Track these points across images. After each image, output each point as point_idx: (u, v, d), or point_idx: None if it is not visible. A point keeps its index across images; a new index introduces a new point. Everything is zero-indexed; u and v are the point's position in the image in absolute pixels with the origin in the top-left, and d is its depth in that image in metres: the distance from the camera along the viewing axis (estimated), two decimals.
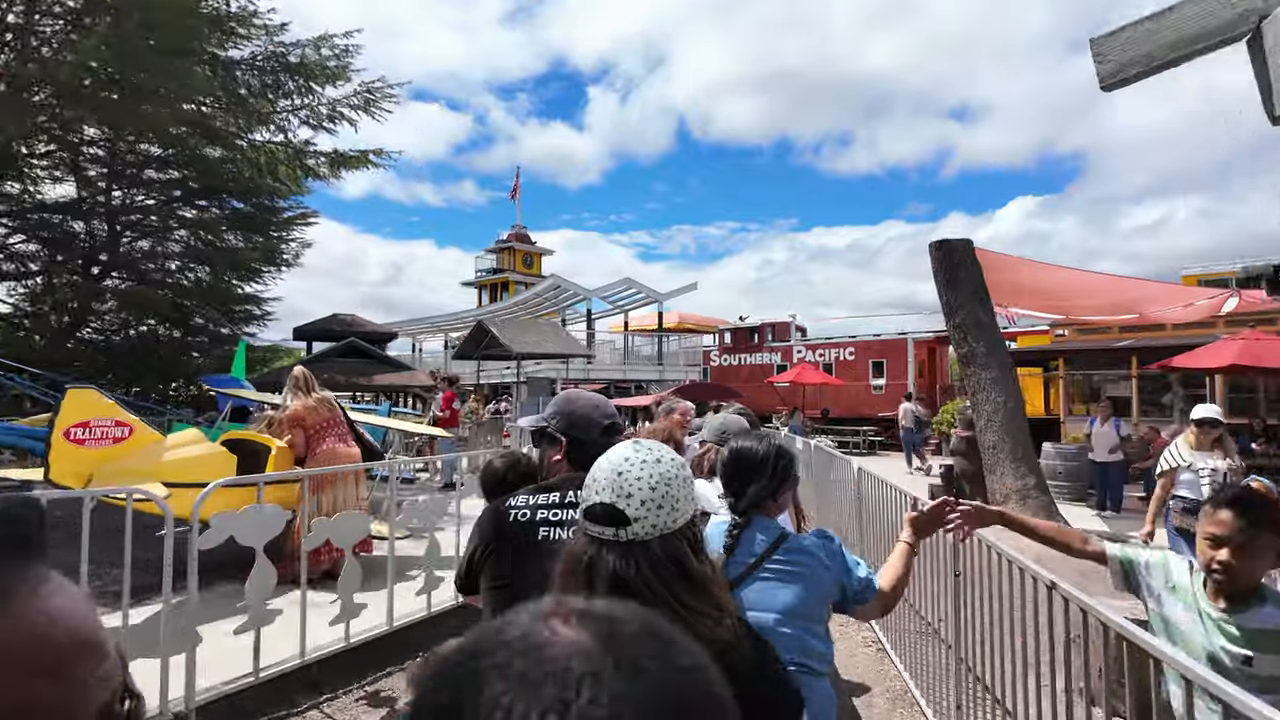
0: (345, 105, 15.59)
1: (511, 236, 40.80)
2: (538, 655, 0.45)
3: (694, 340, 29.78)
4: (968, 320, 9.40)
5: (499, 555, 1.67)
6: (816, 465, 8.17)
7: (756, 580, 1.85)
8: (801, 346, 25.65)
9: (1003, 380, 9.19)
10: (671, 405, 4.53)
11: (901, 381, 22.92)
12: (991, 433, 9.11)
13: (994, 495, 9.44)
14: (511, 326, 10.83)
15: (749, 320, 27.95)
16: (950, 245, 9.50)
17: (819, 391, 23.75)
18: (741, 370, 27.22)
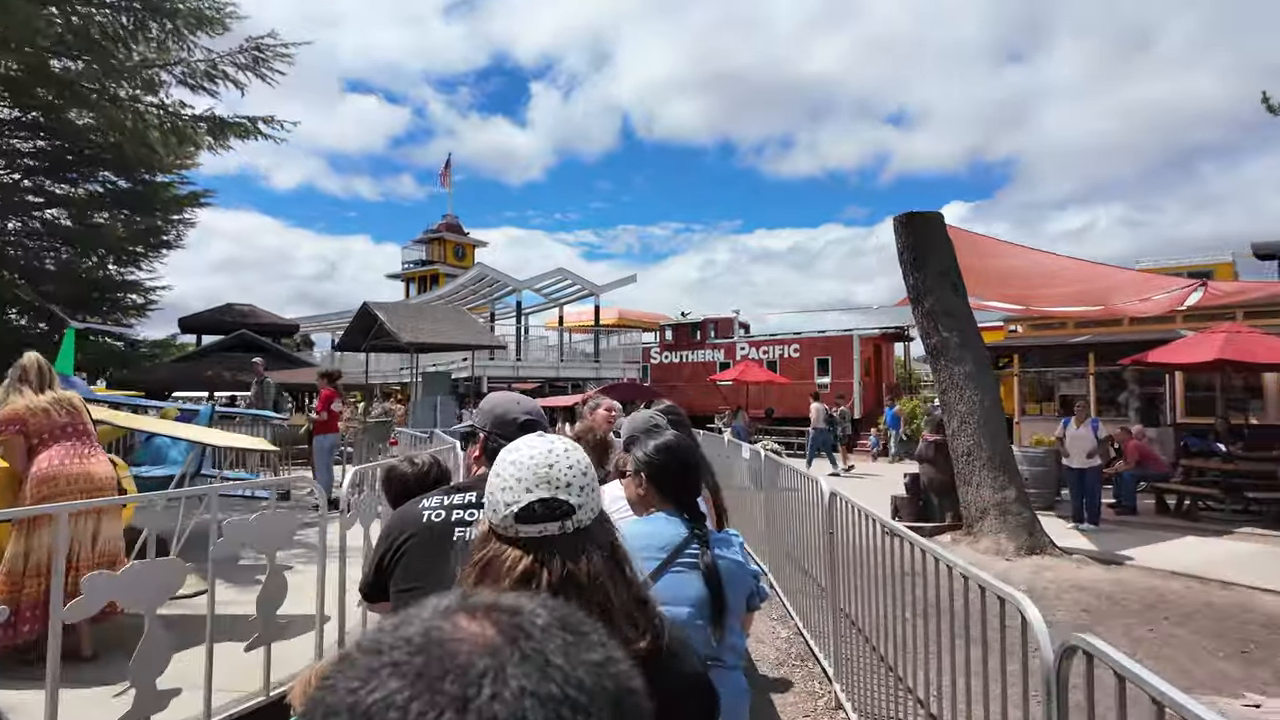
0: (228, 63, 13.47)
1: (442, 226, 38.54)
2: (438, 651, 0.43)
3: (635, 338, 28.30)
4: (938, 307, 8.15)
5: (411, 558, 1.60)
6: (766, 477, 6.76)
7: (669, 574, 1.82)
8: (745, 344, 24.48)
9: (979, 376, 7.97)
10: (597, 403, 4.42)
11: (847, 380, 21.97)
12: (966, 437, 7.88)
13: (968, 509, 8.25)
14: (402, 312, 9.09)
15: (691, 316, 26.66)
16: (920, 220, 8.24)
17: (763, 390, 22.62)
18: (683, 368, 25.91)
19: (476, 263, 25.29)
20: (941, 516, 8.12)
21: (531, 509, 1.06)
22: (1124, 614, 5.52)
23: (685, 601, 1.78)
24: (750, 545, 7.12)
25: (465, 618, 0.46)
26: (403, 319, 8.80)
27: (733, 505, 7.89)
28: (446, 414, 8.57)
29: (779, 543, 6.21)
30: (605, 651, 0.48)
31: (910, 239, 8.16)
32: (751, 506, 7.56)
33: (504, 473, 1.10)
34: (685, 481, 2.03)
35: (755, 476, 7.29)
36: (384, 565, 1.65)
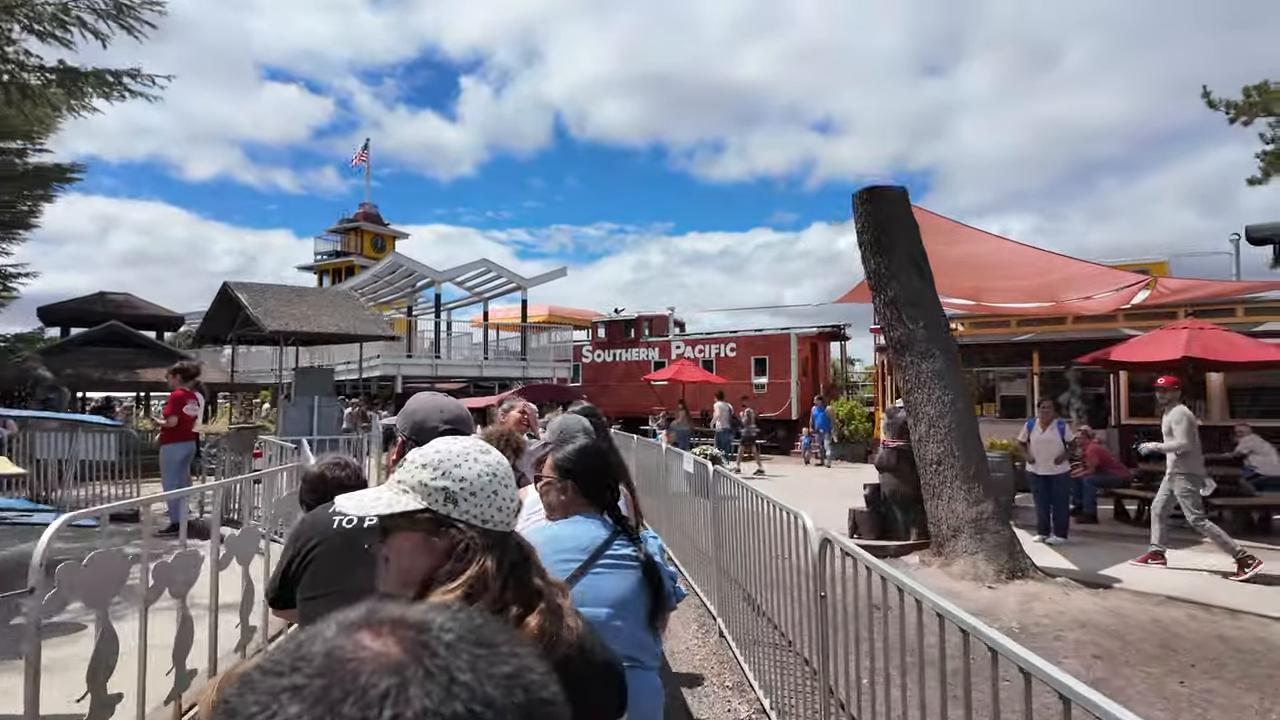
0: (84, 7, 11.50)
1: (359, 216, 36.13)
2: (340, 672, 0.41)
3: (566, 336, 26.92)
4: (903, 295, 7.15)
5: (319, 565, 1.57)
6: (709, 490, 5.65)
7: (589, 575, 1.80)
8: (680, 342, 23.49)
9: (948, 374, 7.01)
10: (511, 405, 4.30)
11: (785, 380, 21.22)
12: (935, 443, 6.91)
13: (939, 526, 7.31)
14: (272, 296, 7.54)
15: (625, 313, 25.50)
16: (882, 196, 7.22)
17: (699, 390, 21.64)
18: (616, 367, 24.73)
19: (392, 252, 23.38)
20: (906, 533, 7.17)
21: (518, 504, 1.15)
22: (1141, 658, 4.60)
23: (604, 602, 1.78)
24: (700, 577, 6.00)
25: (369, 634, 0.45)
26: (270, 303, 7.22)
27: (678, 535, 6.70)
28: (327, 419, 7.11)
29: (729, 568, 5.08)
30: (518, 662, 0.47)
31: (871, 218, 7.16)
32: (692, 523, 6.43)
33: (499, 471, 1.13)
34: (605, 483, 2.02)
35: (700, 488, 6.16)
36: (290, 571, 1.59)
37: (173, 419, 7.02)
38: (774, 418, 21.14)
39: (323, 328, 6.85)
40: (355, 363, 22.19)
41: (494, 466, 1.13)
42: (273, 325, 6.93)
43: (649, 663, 1.87)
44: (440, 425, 1.76)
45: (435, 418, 1.80)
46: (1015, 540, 6.48)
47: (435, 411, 1.83)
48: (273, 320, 6.94)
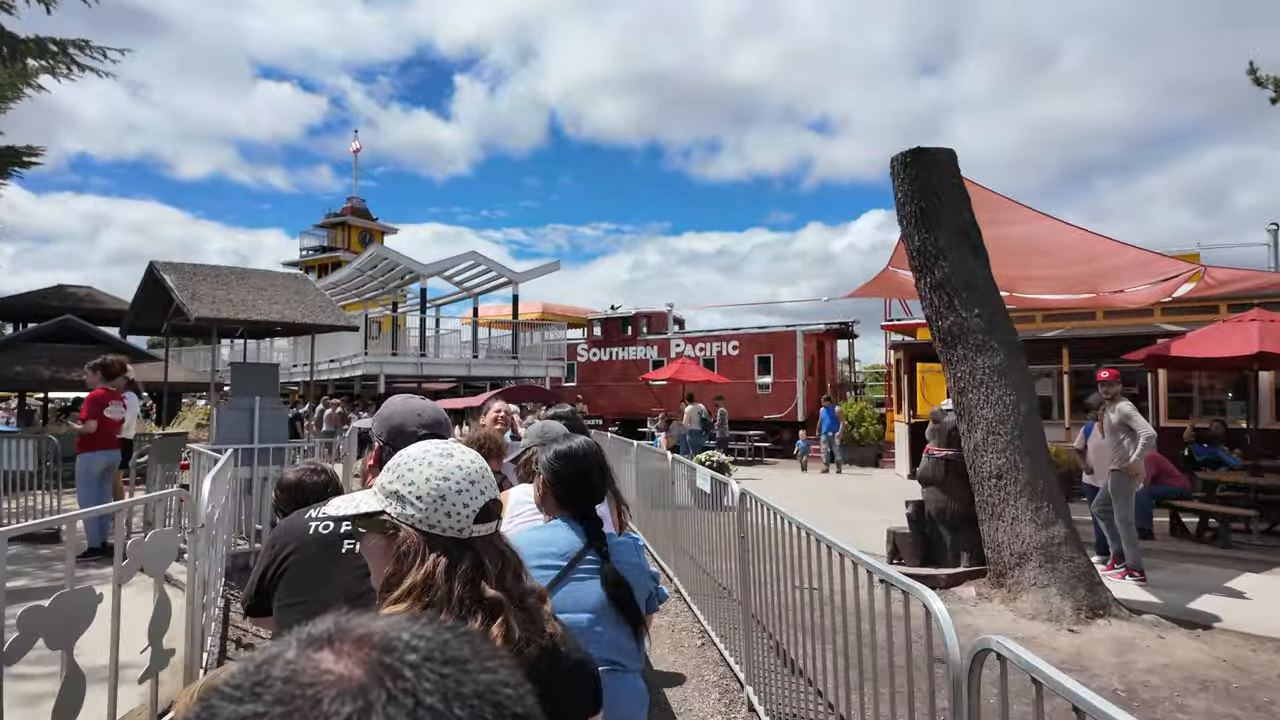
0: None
1: (347, 210, 34.95)
2: (299, 698, 0.40)
3: (560, 334, 25.79)
4: (955, 276, 6.05)
5: (296, 570, 1.54)
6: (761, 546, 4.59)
7: (569, 582, 1.79)
8: (680, 340, 22.40)
9: (1011, 370, 5.89)
10: (488, 406, 4.31)
11: (790, 380, 20.16)
12: (995, 454, 5.81)
13: (999, 551, 6.24)
14: (204, 277, 6.37)
15: (622, 310, 24.41)
16: (929, 158, 6.11)
17: (700, 391, 20.57)
18: (612, 366, 23.64)
19: (375, 244, 22.17)
20: (955, 558, 6.10)
21: (485, 510, 1.11)
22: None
23: (585, 609, 1.77)
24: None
25: (331, 655, 0.43)
26: (202, 286, 6.04)
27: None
28: (272, 423, 6.03)
29: (759, 612, 4.01)
30: (489, 678, 0.45)
31: (915, 185, 6.08)
32: (702, 547, 5.38)
33: (454, 476, 1.11)
34: (584, 490, 1.98)
35: (717, 505, 5.14)
36: (267, 579, 1.57)
37: (91, 423, 5.93)
38: (779, 419, 20.09)
39: (264, 315, 5.75)
40: (337, 362, 21.08)
41: (449, 471, 1.11)
42: (200, 311, 5.77)
43: (631, 666, 1.84)
44: (419, 430, 1.71)
45: (413, 421, 1.74)
46: (1093, 570, 5.42)
47: (412, 415, 1.77)
48: (201, 305, 5.80)
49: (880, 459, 18.31)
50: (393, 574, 1.07)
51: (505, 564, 1.11)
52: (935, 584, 5.61)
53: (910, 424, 15.14)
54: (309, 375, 24.85)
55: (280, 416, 6.20)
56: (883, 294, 15.04)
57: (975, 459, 5.74)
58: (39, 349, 12.64)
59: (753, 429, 19.66)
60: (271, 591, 1.57)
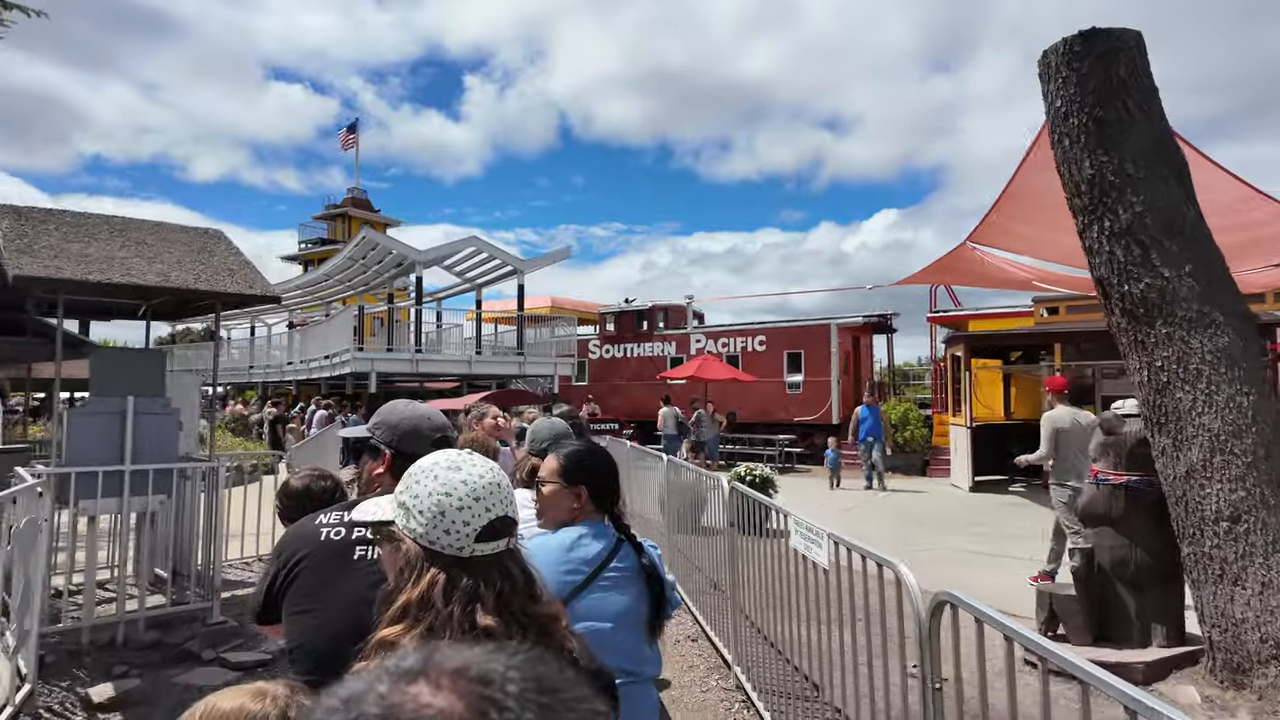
0: None
1: (347, 201, 33.29)
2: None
3: (571, 330, 23.91)
4: (1150, 215, 3.79)
5: (305, 578, 1.51)
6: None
7: (594, 589, 1.77)
8: (701, 335, 20.53)
9: (1244, 357, 3.97)
10: (482, 411, 4.06)
11: (823, 378, 18.21)
12: (1225, 483, 3.46)
13: (1234, 630, 4.10)
14: (51, 226, 4.55)
15: (636, 303, 22.54)
16: (1109, 47, 4.01)
17: (723, 390, 18.71)
18: (628, 363, 21.78)
19: (363, 226, 20.39)
20: (1145, 632, 4.17)
21: (490, 528, 1.06)
22: None
23: (607, 617, 1.75)
24: None
25: (428, 687, 0.42)
26: (48, 237, 4.07)
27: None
28: (156, 434, 4.26)
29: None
30: (586, 706, 0.45)
31: (1086, 85, 4.18)
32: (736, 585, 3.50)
33: (456, 491, 1.08)
34: (613, 490, 1.96)
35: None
36: (276, 585, 1.54)
37: None
38: (811, 422, 18.15)
39: (131, 277, 4.00)
40: (331, 359, 19.31)
41: (452, 487, 1.07)
42: (26, 269, 3.93)
43: (648, 673, 1.84)
44: (433, 434, 1.67)
45: (425, 426, 1.69)
46: None
47: (424, 419, 1.71)
48: (31, 261, 3.97)
49: (928, 467, 16.38)
50: (392, 588, 1.06)
51: (513, 586, 1.06)
52: (1130, 676, 3.68)
53: (972, 428, 13.21)
54: (304, 374, 23.29)
55: (168, 425, 4.42)
56: (947, 279, 13.16)
57: (1188, 489, 3.82)
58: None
59: (782, 432, 17.74)
60: (281, 598, 1.51)
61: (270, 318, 29.41)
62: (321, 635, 1.41)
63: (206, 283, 4.22)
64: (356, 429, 1.80)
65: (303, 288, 23.45)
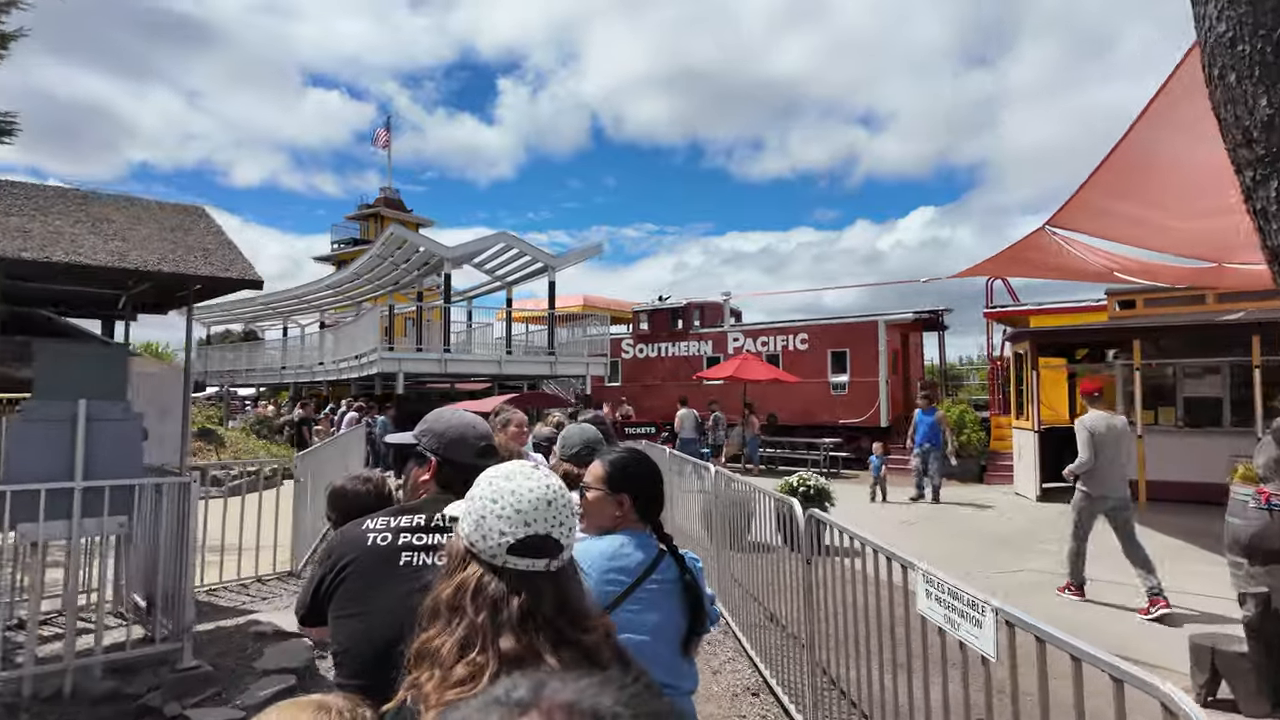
0: None
1: (379, 201, 33.08)
2: None
3: (603, 329, 23.17)
4: None
5: (352, 582, 1.52)
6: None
7: (633, 601, 1.76)
8: (739, 333, 19.63)
9: None
10: (508, 417, 3.91)
11: (870, 379, 17.18)
12: None
13: None
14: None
15: (671, 301, 21.72)
16: None
17: (762, 391, 17.82)
18: (662, 363, 20.97)
19: (391, 224, 19.93)
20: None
21: (525, 544, 1.06)
22: None
23: (645, 629, 1.73)
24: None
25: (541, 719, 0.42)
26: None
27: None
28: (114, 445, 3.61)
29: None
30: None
31: (1260, 6, 3.15)
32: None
33: (502, 500, 1.09)
34: (657, 500, 1.95)
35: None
36: (323, 588, 1.54)
37: None
38: (857, 425, 17.13)
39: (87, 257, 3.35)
40: (361, 359, 18.86)
41: (499, 494, 1.08)
42: None
43: (686, 686, 1.82)
44: (479, 443, 1.70)
45: (471, 434, 1.71)
46: None
47: (469, 428, 1.72)
48: None
49: (985, 473, 15.27)
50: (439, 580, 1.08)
51: (542, 605, 1.03)
52: None
53: (1039, 432, 12.13)
54: (334, 374, 22.98)
55: (129, 433, 3.76)
56: (1012, 271, 12.07)
57: None
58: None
59: (826, 435, 16.75)
60: (327, 601, 1.52)
61: (303, 318, 29.32)
62: (367, 640, 1.41)
63: (173, 264, 3.55)
64: (402, 435, 1.78)
65: (333, 288, 23.14)
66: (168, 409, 5.07)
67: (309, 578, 1.63)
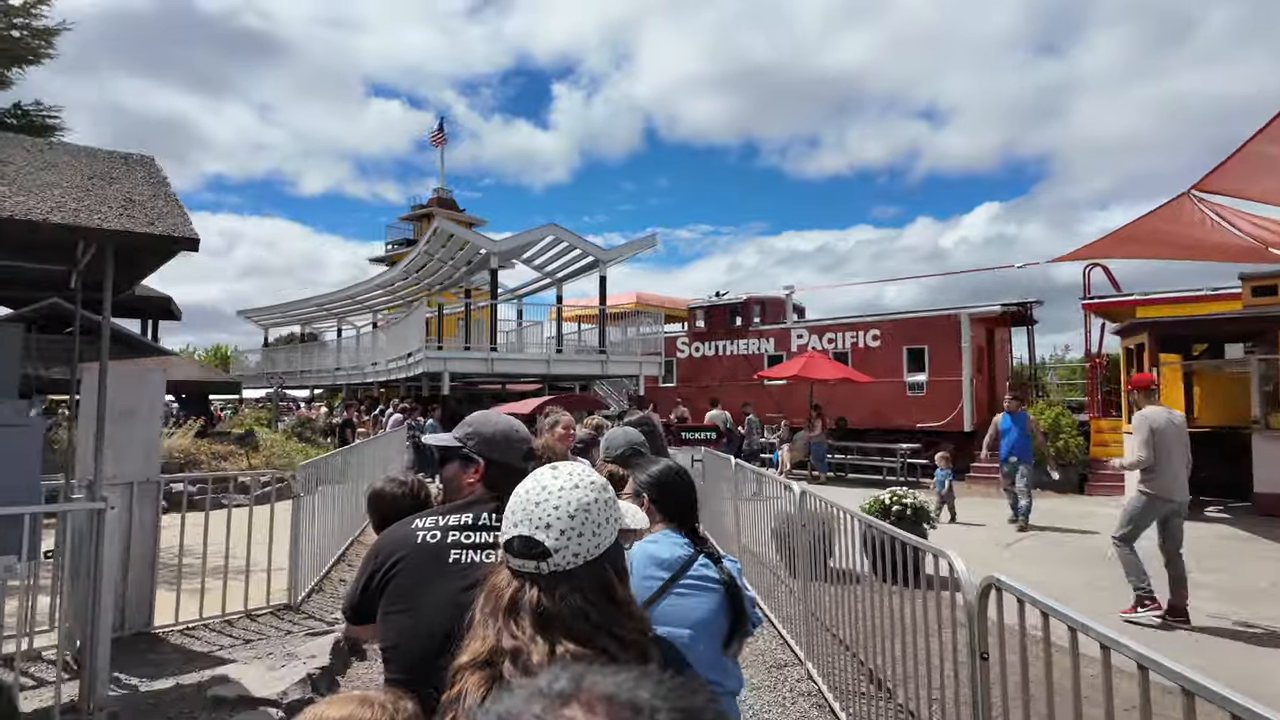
0: None
1: (432, 201, 32.76)
2: None
3: (657, 327, 22.03)
4: None
5: (403, 578, 1.53)
6: None
7: (670, 596, 1.79)
8: (803, 329, 18.24)
9: None
10: (557, 419, 4.09)
11: (953, 378, 15.58)
12: None
13: None
14: None
15: (728, 296, 20.46)
16: None
17: (829, 392, 16.43)
18: (720, 362, 19.73)
19: (437, 219, 19.22)
20: None
21: (512, 543, 1.08)
22: None
23: (685, 623, 1.75)
24: None
25: (581, 711, 0.44)
26: None
27: None
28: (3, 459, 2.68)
29: None
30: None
31: None
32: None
33: (511, 502, 1.13)
34: (688, 501, 2.02)
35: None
36: (372, 586, 1.56)
37: None
38: (937, 429, 15.57)
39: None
40: (407, 358, 18.23)
41: (536, 495, 1.09)
42: None
43: (729, 685, 1.83)
44: (522, 446, 1.75)
45: (515, 436, 1.75)
46: None
47: (512, 430, 1.76)
48: None
49: (1087, 483, 13.57)
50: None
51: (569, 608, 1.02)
52: None
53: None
54: (384, 375, 22.54)
55: (21, 445, 2.86)
56: (1130, 251, 10.49)
57: None
58: (25, 339, 10.21)
59: (902, 440, 15.24)
60: (377, 598, 1.53)
61: (358, 319, 29.16)
62: (417, 635, 1.42)
63: (74, 214, 2.62)
64: (442, 436, 1.80)
65: (383, 286, 22.71)
66: (130, 411, 4.18)
67: (356, 576, 1.62)
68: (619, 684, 0.46)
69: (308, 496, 5.38)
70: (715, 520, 7.24)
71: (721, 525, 6.98)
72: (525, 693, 0.45)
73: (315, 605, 5.31)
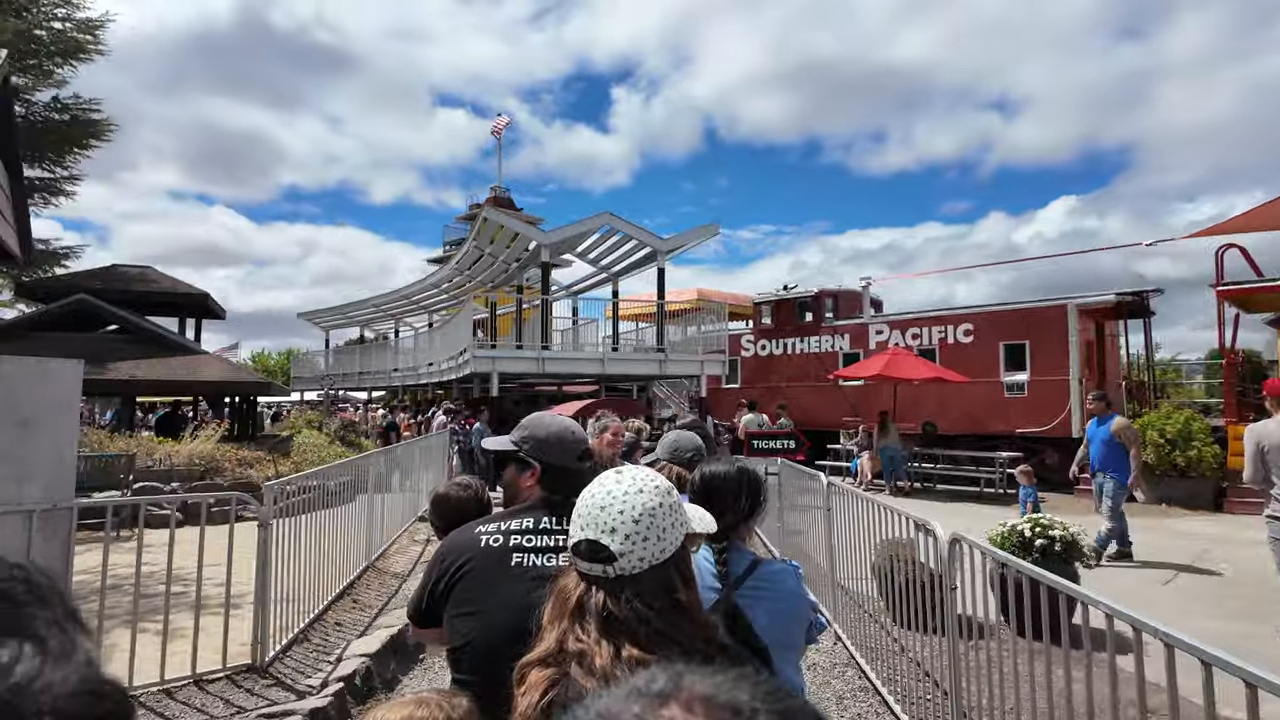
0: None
1: (489, 200, 32.24)
2: None
3: (720, 325, 20.57)
4: None
5: (468, 582, 1.57)
6: None
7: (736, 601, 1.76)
8: (882, 324, 16.59)
9: None
10: (607, 424, 4.12)
11: (1058, 377, 13.72)
12: None
13: None
14: None
15: (798, 290, 18.92)
16: None
17: (914, 394, 14.79)
18: (789, 361, 18.21)
19: (487, 208, 18.33)
20: None
21: (579, 546, 1.09)
22: None
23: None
24: None
25: (681, 710, 0.44)
26: None
27: None
28: None
29: None
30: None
31: None
32: None
33: (578, 505, 1.14)
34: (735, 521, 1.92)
35: None
36: (438, 590, 1.59)
37: None
38: (1040, 434, 13.75)
39: None
40: (457, 358, 17.42)
41: (602, 499, 1.10)
42: None
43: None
44: (577, 448, 1.74)
45: (569, 439, 1.73)
46: None
47: (567, 432, 1.75)
48: None
49: (1222, 499, 11.62)
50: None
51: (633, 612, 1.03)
52: None
53: None
54: (436, 376, 21.90)
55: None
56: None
57: None
58: (45, 339, 9.76)
59: (1000, 447, 13.48)
60: (444, 602, 1.57)
61: (415, 320, 28.79)
62: (485, 636, 1.44)
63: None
64: (498, 440, 1.79)
65: (437, 285, 22.07)
66: (32, 419, 3.16)
67: (420, 582, 1.65)
68: (718, 685, 0.46)
69: (279, 521, 4.28)
70: (797, 551, 5.94)
71: (807, 554, 5.68)
72: (624, 691, 0.45)
73: (292, 665, 4.14)
